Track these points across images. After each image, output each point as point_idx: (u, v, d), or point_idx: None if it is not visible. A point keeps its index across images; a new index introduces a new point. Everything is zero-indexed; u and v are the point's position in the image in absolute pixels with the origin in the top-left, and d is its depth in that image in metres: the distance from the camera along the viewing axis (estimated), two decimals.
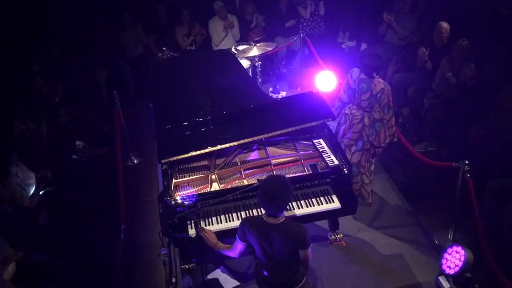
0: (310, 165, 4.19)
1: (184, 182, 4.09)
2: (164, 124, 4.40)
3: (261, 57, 6.65)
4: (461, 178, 4.09)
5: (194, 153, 4.01)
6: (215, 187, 4.02)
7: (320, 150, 4.31)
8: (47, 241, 4.35)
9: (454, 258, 3.77)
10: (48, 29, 7.31)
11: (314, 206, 4.00)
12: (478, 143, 4.99)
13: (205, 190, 3.96)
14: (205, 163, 4.28)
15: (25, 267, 3.93)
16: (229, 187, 4.00)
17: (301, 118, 4.26)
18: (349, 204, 4.05)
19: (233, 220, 3.89)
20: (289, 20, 7.77)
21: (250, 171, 4.17)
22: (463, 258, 3.67)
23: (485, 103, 5.24)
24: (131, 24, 7.54)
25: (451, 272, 3.78)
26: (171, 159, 3.99)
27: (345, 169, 4.02)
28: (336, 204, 4.01)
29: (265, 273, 3.37)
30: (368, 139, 4.70)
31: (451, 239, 4.46)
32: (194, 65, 5.73)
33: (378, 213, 5.01)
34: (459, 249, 3.75)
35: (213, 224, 3.87)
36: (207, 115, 4.46)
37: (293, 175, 4.08)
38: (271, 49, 6.65)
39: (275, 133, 4.16)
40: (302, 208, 3.98)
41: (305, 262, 3.30)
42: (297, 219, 3.85)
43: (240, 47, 6.76)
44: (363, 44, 8.22)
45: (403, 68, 6.72)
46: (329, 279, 4.26)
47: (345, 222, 4.68)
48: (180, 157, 4.00)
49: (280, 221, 3.13)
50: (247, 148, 4.38)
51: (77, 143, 6.16)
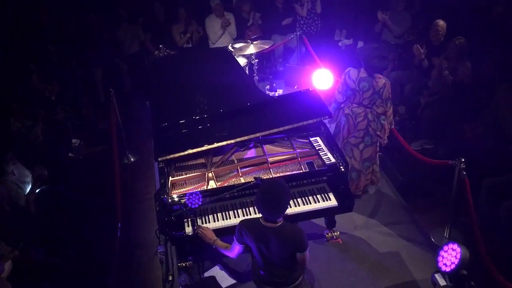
0: (307, 163, 4.19)
1: (181, 180, 4.08)
2: (161, 122, 4.39)
3: (257, 55, 6.64)
4: (457, 176, 4.11)
5: (191, 151, 4.00)
6: (212, 185, 4.02)
7: (317, 148, 4.31)
8: (43, 239, 4.34)
9: (450, 256, 3.77)
10: (43, 26, 7.27)
11: (310, 204, 4.00)
12: (474, 140, 5.00)
13: (202, 188, 3.96)
14: (202, 161, 4.27)
15: (22, 265, 3.92)
16: (226, 185, 3.99)
17: (298, 116, 4.26)
18: (346, 202, 4.05)
19: (230, 218, 3.89)
20: (286, 18, 7.76)
21: (247, 169, 4.17)
22: (459, 256, 3.67)
23: (481, 101, 5.26)
24: (128, 21, 7.52)
25: (447, 269, 3.78)
26: (168, 157, 3.98)
27: (341, 167, 4.02)
28: (332, 202, 4.01)
29: (262, 272, 3.37)
30: (376, 132, 4.77)
31: (447, 236, 4.48)
32: (191, 63, 5.72)
33: (374, 211, 5.02)
34: (455, 246, 3.75)
35: (209, 222, 3.87)
36: (204, 113, 4.45)
37: (290, 173, 4.08)
38: (267, 47, 6.64)
39: (272, 131, 4.16)
40: (299, 206, 3.98)
41: (302, 264, 3.30)
42: (293, 217, 3.86)
43: (237, 45, 6.75)
44: (359, 42, 8.23)
45: (400, 66, 6.73)
46: (326, 276, 4.26)
47: (341, 220, 4.69)
48: (177, 155, 3.99)
49: (278, 225, 3.11)
50: (244, 146, 4.37)
51: (73, 141, 6.14)
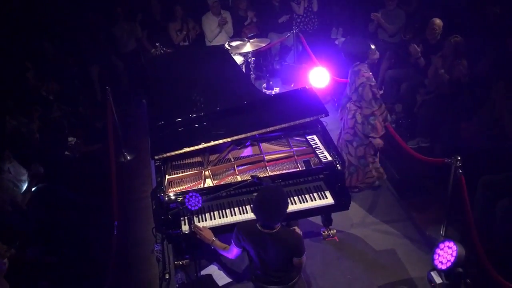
0: (303, 161, 4.19)
1: (178, 178, 4.08)
2: (158, 120, 4.39)
3: (254, 53, 6.64)
4: (453, 174, 4.11)
5: (187, 149, 4.00)
6: (209, 183, 4.01)
7: (314, 146, 4.32)
8: (39, 238, 4.33)
9: (446, 254, 3.79)
10: (40, 24, 7.25)
11: (307, 202, 4.01)
12: (471, 139, 5.01)
13: (199, 186, 3.96)
14: (199, 159, 4.27)
15: (18, 264, 3.91)
16: (222, 183, 3.99)
17: (294, 114, 4.27)
18: (342, 200, 4.07)
19: (226, 216, 3.89)
20: (283, 16, 7.75)
21: (244, 167, 4.17)
22: (455, 254, 3.69)
23: (477, 99, 5.26)
24: (125, 19, 7.50)
25: (443, 267, 3.80)
26: (164, 155, 3.98)
27: (338, 165, 4.03)
28: (329, 200, 4.02)
29: (259, 272, 3.37)
30: (363, 133, 4.73)
31: (443, 234, 4.49)
32: (188, 61, 5.70)
33: (371, 209, 5.03)
34: (451, 244, 3.77)
35: (206, 220, 3.87)
36: (201, 111, 4.45)
37: (287, 171, 4.08)
38: (264, 45, 6.64)
39: (268, 129, 4.17)
40: (296, 204, 3.98)
41: (298, 267, 3.30)
42: (290, 215, 3.87)
43: (234, 43, 6.74)
44: None
45: (396, 64, 6.73)
46: (322, 274, 4.27)
47: (338, 218, 4.70)
48: (174, 153, 3.99)
49: (275, 230, 3.10)
50: (240, 144, 4.37)
51: (70, 139, 6.13)
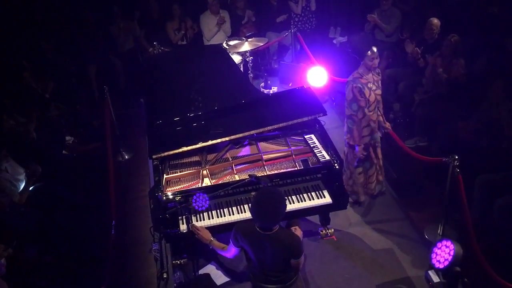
0: (301, 160, 4.19)
1: (176, 177, 4.08)
2: (155, 119, 4.38)
3: (252, 52, 6.64)
4: (450, 173, 4.12)
5: (185, 148, 4.00)
6: (207, 182, 4.01)
7: (312, 146, 4.32)
8: (37, 237, 4.32)
9: (444, 253, 3.79)
10: (37, 22, 7.22)
11: (305, 201, 4.01)
12: (468, 138, 5.02)
13: (197, 186, 3.96)
14: (197, 158, 4.27)
15: (16, 263, 3.90)
16: (220, 182, 3.99)
17: (292, 114, 4.27)
18: (340, 199, 4.07)
19: (224, 216, 3.89)
20: (280, 16, 7.75)
21: (242, 166, 4.17)
22: (452, 253, 3.69)
23: (475, 98, 5.27)
24: (123, 18, 7.48)
25: (441, 266, 3.80)
26: (162, 154, 3.98)
27: (336, 164, 4.03)
28: (327, 199, 4.02)
29: (257, 271, 3.37)
30: (346, 136, 4.66)
31: (440, 233, 4.50)
32: (185, 60, 5.70)
33: (368, 208, 5.03)
34: (449, 243, 3.77)
35: (204, 220, 3.87)
36: (199, 110, 4.45)
37: (284, 170, 4.08)
38: (262, 44, 6.63)
39: (266, 129, 4.17)
40: (293, 203, 3.99)
41: (296, 268, 3.31)
42: (288, 214, 3.86)
43: (232, 42, 6.74)
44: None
45: (394, 63, 6.74)
46: (320, 273, 4.28)
47: (336, 217, 4.70)
48: (171, 152, 3.99)
49: (273, 232, 3.09)
50: (238, 143, 4.37)
51: (67, 138, 6.12)
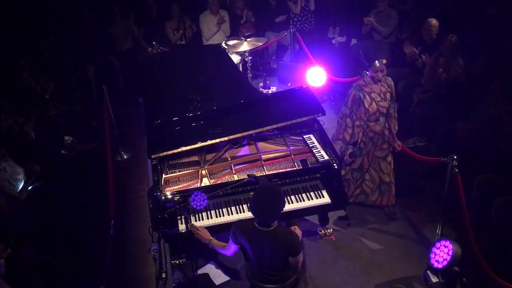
0: (300, 160, 4.19)
1: (174, 177, 4.07)
2: (154, 119, 4.37)
3: (251, 52, 6.64)
4: (449, 173, 4.13)
5: (184, 148, 4.00)
6: (206, 182, 4.01)
7: (310, 146, 4.32)
8: (35, 237, 4.31)
9: (442, 253, 3.80)
10: (35, 21, 7.21)
11: (304, 201, 4.01)
12: (467, 138, 5.03)
13: (196, 186, 3.96)
14: (195, 158, 4.26)
15: (14, 263, 3.89)
16: (219, 182, 3.99)
17: (291, 113, 4.27)
18: (339, 199, 4.07)
19: (223, 215, 3.89)
20: (279, 15, 7.75)
21: (241, 166, 4.17)
22: (451, 253, 3.71)
23: (473, 98, 5.28)
24: (121, 17, 7.47)
25: (439, 266, 3.82)
26: (161, 154, 3.97)
27: (335, 164, 4.03)
28: (326, 199, 4.02)
29: (255, 270, 3.37)
30: None
31: (439, 233, 4.51)
32: (184, 59, 5.69)
33: (367, 208, 5.03)
34: (447, 243, 3.79)
35: (203, 219, 3.86)
36: (197, 110, 4.44)
37: (283, 170, 4.08)
38: (261, 44, 6.64)
39: (265, 129, 4.17)
40: (292, 203, 3.98)
41: (294, 267, 3.30)
42: (287, 214, 3.87)
43: (230, 42, 6.73)
44: (353, 40, 8.23)
45: (393, 63, 6.74)
46: (319, 273, 4.28)
47: (335, 217, 4.70)
48: (170, 152, 3.99)
49: (272, 228, 3.10)
50: (237, 143, 4.37)
51: (66, 138, 6.11)
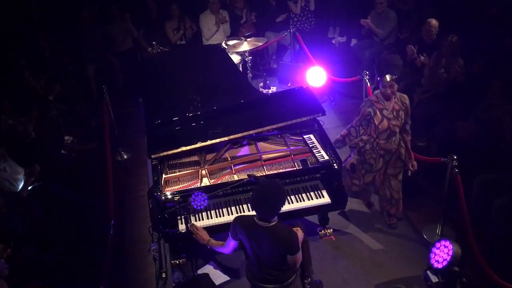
0: (300, 160, 4.19)
1: (174, 177, 4.08)
2: (154, 119, 4.37)
3: (251, 52, 6.64)
4: (449, 173, 4.13)
5: (184, 148, 4.00)
6: (206, 182, 4.01)
7: (311, 146, 4.32)
8: (35, 237, 4.31)
9: (442, 253, 3.81)
10: (35, 21, 7.21)
11: (304, 201, 4.01)
12: (467, 138, 5.03)
13: (196, 186, 3.96)
14: (195, 158, 4.26)
15: (14, 263, 3.89)
16: (219, 182, 3.99)
17: (291, 113, 4.27)
18: (339, 199, 4.08)
19: (223, 215, 3.89)
20: (280, 15, 7.75)
21: (241, 166, 4.17)
22: (451, 253, 3.71)
23: (473, 98, 5.28)
24: (120, 17, 7.47)
25: (439, 266, 3.82)
26: (161, 154, 3.97)
27: (335, 164, 4.03)
28: (326, 199, 4.02)
29: (255, 269, 3.37)
30: None
31: (439, 233, 4.51)
32: (184, 59, 5.70)
33: (367, 208, 5.03)
34: (447, 243, 3.79)
35: (203, 219, 3.87)
36: (198, 110, 4.44)
37: (283, 170, 4.08)
38: (261, 44, 6.64)
39: (265, 128, 4.17)
40: (292, 203, 3.98)
41: (293, 266, 3.28)
42: (287, 214, 3.87)
43: (231, 42, 6.74)
44: (353, 40, 8.25)
45: None
46: (319, 273, 4.27)
47: (334, 217, 4.70)
48: (170, 152, 3.99)
49: (271, 225, 3.09)
50: (237, 143, 4.37)
51: (66, 138, 6.11)
